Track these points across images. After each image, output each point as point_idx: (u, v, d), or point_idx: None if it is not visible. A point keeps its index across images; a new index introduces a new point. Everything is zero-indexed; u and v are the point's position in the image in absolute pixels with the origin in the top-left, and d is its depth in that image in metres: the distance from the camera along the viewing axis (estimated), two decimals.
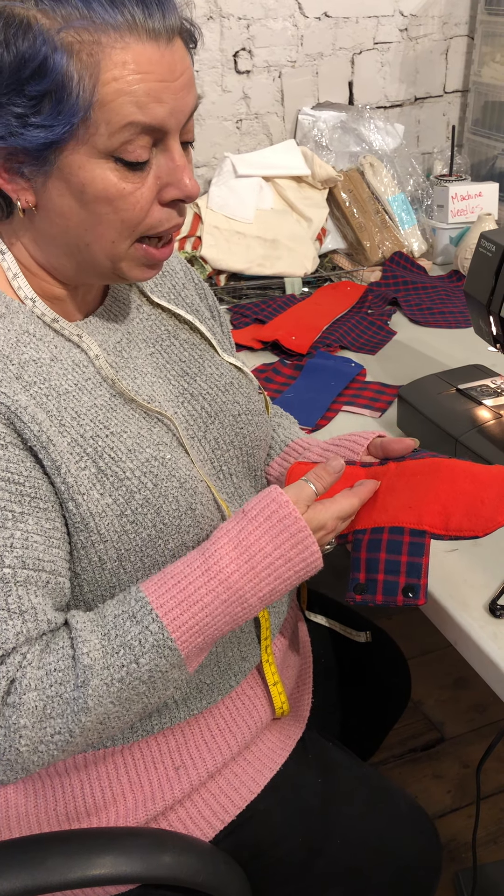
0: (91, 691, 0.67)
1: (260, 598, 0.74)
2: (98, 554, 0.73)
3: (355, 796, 0.95)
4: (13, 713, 0.66)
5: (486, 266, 1.09)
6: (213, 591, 0.72)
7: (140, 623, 0.70)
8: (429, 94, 2.20)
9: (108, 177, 0.70)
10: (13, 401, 0.69)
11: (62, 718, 0.67)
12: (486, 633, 0.85)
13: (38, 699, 0.66)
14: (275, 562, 0.74)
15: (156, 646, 0.70)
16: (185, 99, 0.71)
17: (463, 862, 1.52)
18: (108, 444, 0.74)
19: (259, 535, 0.74)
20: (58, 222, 0.73)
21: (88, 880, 0.72)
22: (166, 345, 0.89)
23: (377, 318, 1.62)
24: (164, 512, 0.76)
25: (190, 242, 1.71)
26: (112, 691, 0.68)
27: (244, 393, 0.92)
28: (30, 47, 0.65)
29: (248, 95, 1.97)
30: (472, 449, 1.05)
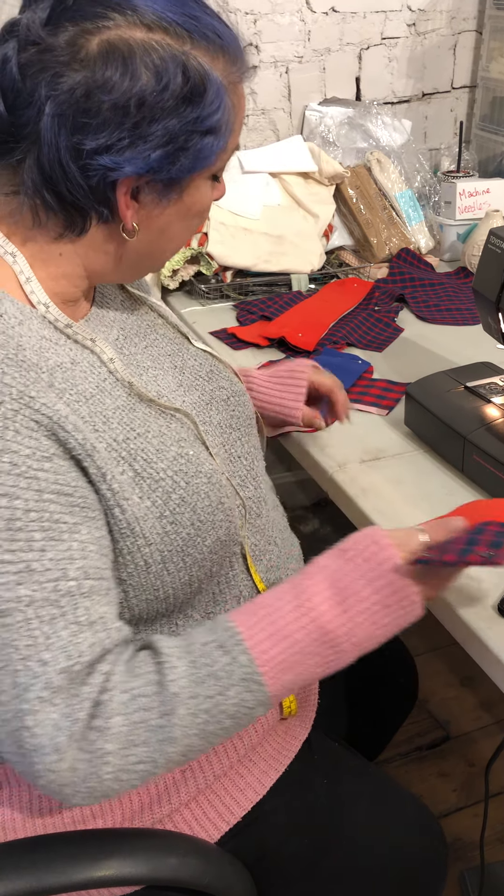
0: (177, 720, 0.65)
1: (354, 645, 0.71)
2: (143, 558, 0.72)
3: (361, 797, 0.95)
4: (98, 737, 0.63)
5: (495, 263, 1.08)
6: (305, 629, 0.70)
7: (230, 653, 0.68)
8: (436, 89, 2.18)
9: (208, 194, 0.78)
10: (54, 411, 0.67)
11: (146, 747, 0.65)
12: (495, 632, 0.84)
13: (123, 724, 0.64)
14: (371, 606, 0.71)
15: (244, 679, 0.68)
16: None
17: (468, 861, 1.51)
18: (138, 445, 0.74)
19: (355, 577, 0.71)
20: (155, 238, 0.78)
21: (94, 881, 0.72)
22: (153, 338, 0.89)
23: (384, 314, 1.61)
24: (199, 509, 0.76)
25: (196, 238, 1.70)
26: (197, 723, 0.66)
27: (225, 377, 0.93)
28: (213, 93, 0.71)
29: (254, 91, 1.96)
30: (480, 447, 1.04)
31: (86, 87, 0.66)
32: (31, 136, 0.68)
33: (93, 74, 0.66)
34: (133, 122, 0.68)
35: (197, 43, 0.70)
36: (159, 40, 0.68)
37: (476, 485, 1.07)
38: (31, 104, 0.67)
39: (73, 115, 0.67)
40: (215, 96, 0.71)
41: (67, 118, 0.67)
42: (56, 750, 0.62)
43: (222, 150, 0.75)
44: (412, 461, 1.14)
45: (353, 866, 0.92)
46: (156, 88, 0.68)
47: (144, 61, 0.67)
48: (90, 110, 0.67)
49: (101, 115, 0.67)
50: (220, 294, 1.71)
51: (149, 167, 0.70)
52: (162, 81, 0.68)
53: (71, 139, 0.68)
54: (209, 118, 0.71)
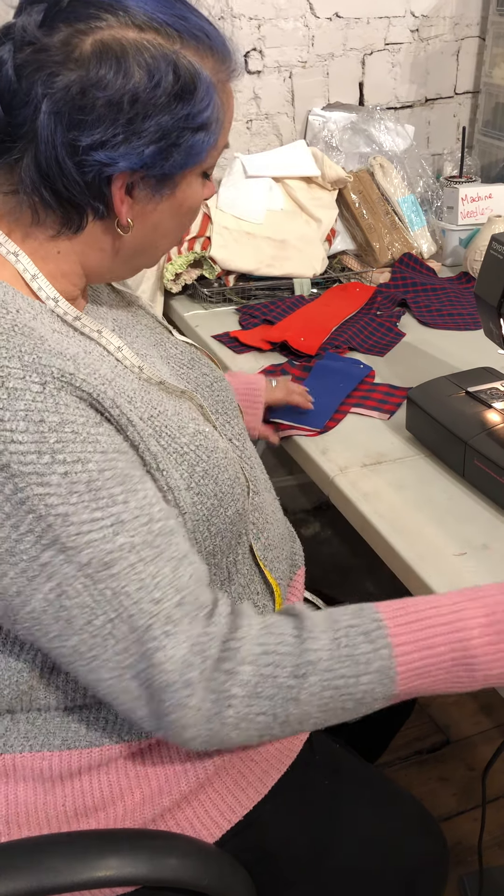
0: (307, 685, 0.69)
1: (486, 676, 0.73)
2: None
3: (362, 799, 0.95)
4: (227, 679, 0.67)
5: (497, 268, 1.09)
6: (451, 646, 0.71)
7: (373, 643, 0.71)
8: (439, 95, 2.19)
9: (199, 190, 0.80)
10: (93, 386, 0.70)
11: (271, 701, 0.68)
12: None
13: (252, 674, 0.68)
14: None
15: (380, 671, 0.70)
16: None
17: (468, 865, 1.51)
18: (161, 422, 0.76)
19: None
20: (149, 234, 0.80)
21: (94, 882, 0.72)
22: (140, 328, 0.92)
23: (386, 319, 1.61)
24: (221, 481, 0.79)
25: (199, 243, 1.71)
26: (325, 696, 0.69)
27: (205, 363, 0.97)
28: (203, 91, 0.73)
29: (258, 96, 1.97)
30: (481, 452, 1.05)
31: (81, 85, 0.69)
32: (28, 134, 0.70)
33: (87, 73, 0.69)
34: (127, 119, 0.70)
35: (186, 42, 0.73)
36: (150, 40, 0.71)
37: (477, 490, 1.08)
38: (27, 103, 0.69)
39: (68, 112, 0.69)
40: (205, 94, 0.73)
41: (63, 115, 0.69)
42: (187, 684, 0.66)
43: (213, 146, 0.77)
44: (413, 466, 1.15)
45: (354, 868, 0.92)
46: (148, 86, 0.70)
47: (137, 60, 0.70)
48: (85, 107, 0.69)
49: (96, 112, 0.69)
50: (222, 298, 1.72)
51: (142, 162, 0.72)
52: (154, 79, 0.70)
53: (67, 136, 0.70)
54: (200, 115, 0.74)
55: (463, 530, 1.01)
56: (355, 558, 2.21)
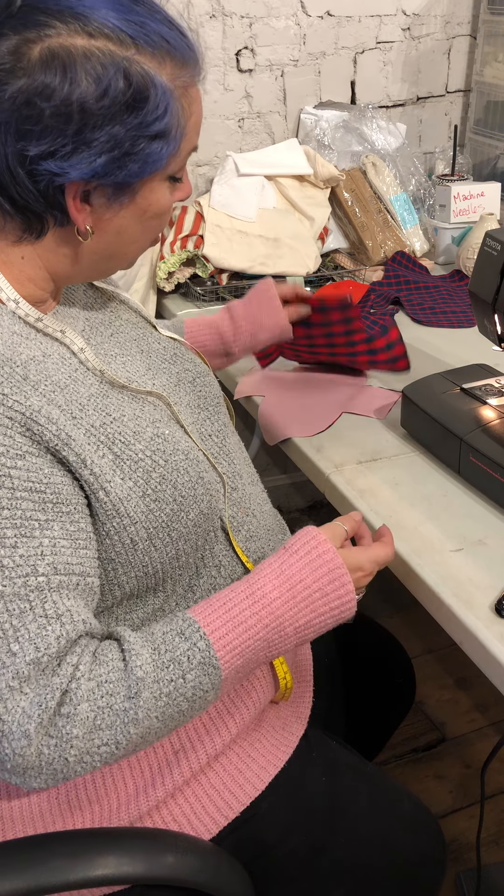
0: (142, 703, 0.69)
1: (296, 630, 0.78)
2: (130, 536, 0.75)
3: (360, 796, 0.95)
4: (66, 723, 0.67)
5: (491, 265, 1.09)
6: (257, 615, 0.76)
7: (189, 640, 0.73)
8: (431, 93, 2.19)
9: (165, 196, 0.79)
10: (26, 406, 0.69)
11: (111, 730, 0.68)
12: (493, 633, 0.84)
13: (90, 710, 0.67)
14: (313, 594, 0.78)
15: (202, 663, 0.72)
16: None
17: (465, 863, 1.51)
18: (115, 429, 0.76)
19: (300, 567, 0.79)
20: (112, 240, 0.78)
21: (91, 881, 0.72)
22: (118, 325, 0.92)
23: (379, 317, 1.61)
24: (180, 485, 0.79)
25: (192, 241, 1.71)
26: (159, 706, 0.70)
27: (189, 359, 0.97)
28: (158, 98, 0.71)
29: (250, 94, 1.97)
30: (476, 448, 1.05)
31: (26, 95, 0.67)
32: None
33: (32, 81, 0.67)
34: (76, 129, 0.69)
35: (142, 48, 0.71)
36: (101, 47, 0.69)
37: (472, 486, 1.08)
38: None
39: (15, 122, 0.68)
40: (161, 101, 0.72)
41: (11, 125, 0.68)
42: (25, 735, 0.65)
43: (174, 153, 0.75)
44: (409, 463, 1.15)
45: (351, 865, 0.92)
46: (96, 94, 0.68)
47: (85, 68, 0.68)
48: (31, 117, 0.68)
49: (43, 122, 0.68)
50: (215, 296, 1.71)
51: (94, 172, 0.71)
52: (102, 87, 0.68)
53: (16, 146, 0.69)
54: (155, 123, 0.72)
55: (459, 527, 1.01)
56: None
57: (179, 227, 1.74)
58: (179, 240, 1.71)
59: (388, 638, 1.24)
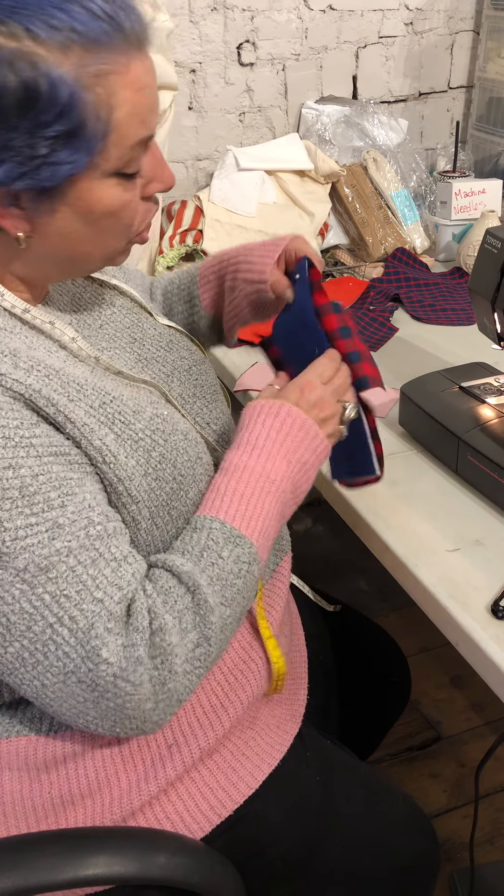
0: (204, 590, 0.72)
1: (280, 473, 0.80)
2: (131, 514, 0.75)
3: (354, 795, 0.94)
4: (164, 636, 0.69)
5: (491, 263, 1.08)
6: (237, 479, 0.78)
7: (204, 528, 0.76)
8: (433, 89, 2.18)
9: (113, 193, 0.72)
10: (26, 386, 0.69)
11: (196, 629, 0.72)
12: (489, 634, 0.84)
13: (173, 618, 0.71)
14: (275, 438, 0.80)
15: (227, 538, 0.75)
16: (159, 97, 0.73)
17: (458, 862, 1.51)
18: (115, 409, 0.76)
19: (250, 429, 0.81)
20: (59, 242, 0.73)
21: (81, 880, 0.71)
22: (109, 314, 0.90)
23: (379, 314, 1.61)
24: (180, 464, 0.79)
25: (191, 236, 1.70)
26: (217, 589, 0.73)
27: (185, 347, 0.95)
28: (58, 93, 0.63)
29: (251, 88, 1.95)
30: (474, 447, 1.04)
31: None
32: None
33: None
34: None
35: (38, 38, 0.62)
36: None
37: (470, 485, 1.07)
38: None
39: None
40: (58, 97, 0.63)
41: None
42: (138, 662, 0.68)
43: (100, 150, 0.67)
44: (406, 461, 1.14)
45: (344, 865, 0.91)
46: None
47: None
48: None
49: None
50: None
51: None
52: None
53: None
54: (57, 122, 0.64)
55: (456, 526, 1.00)
56: (347, 554, 2.21)
57: (179, 222, 1.73)
58: (178, 234, 1.70)
59: (383, 636, 1.24)
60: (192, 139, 1.96)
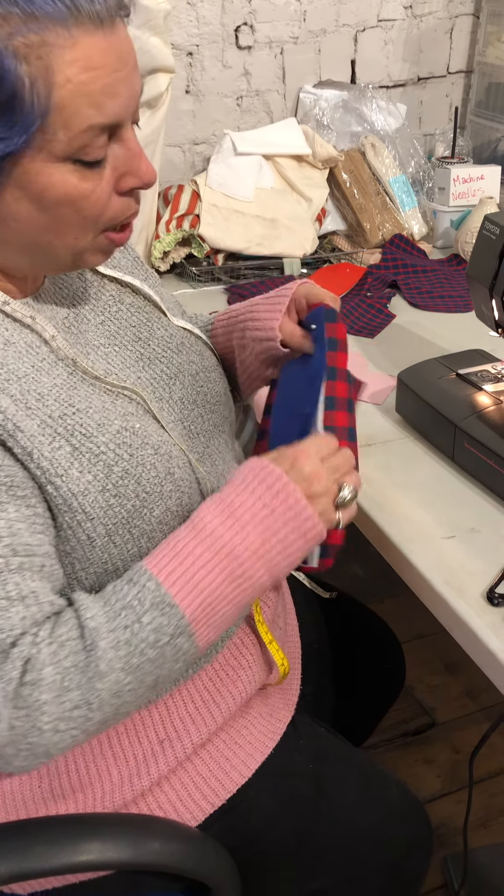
0: (101, 653, 0.66)
1: (254, 553, 0.72)
2: (86, 532, 0.72)
3: (347, 783, 0.95)
4: (32, 691, 0.64)
5: (489, 249, 1.07)
6: (203, 544, 0.71)
7: (137, 584, 0.70)
8: (432, 74, 2.16)
9: (68, 180, 0.68)
10: None
11: (79, 690, 0.66)
12: (484, 621, 0.84)
13: (54, 673, 0.65)
14: (258, 512, 0.73)
15: (155, 603, 0.69)
16: (135, 85, 0.68)
17: (451, 846, 1.52)
18: (76, 421, 0.73)
19: (238, 491, 0.74)
20: (14, 226, 0.70)
21: (76, 866, 0.71)
22: (114, 311, 0.88)
23: (376, 300, 1.60)
24: (145, 480, 0.75)
25: (188, 220, 1.69)
26: (121, 655, 0.67)
27: (197, 351, 0.92)
28: None
29: (248, 72, 1.94)
30: (471, 435, 1.04)
31: None
32: None
33: None
34: None
35: None
36: None
37: (466, 472, 1.07)
38: None
39: None
40: None
41: None
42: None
43: (40, 129, 0.64)
44: (403, 448, 1.14)
45: (338, 851, 0.92)
46: None
47: None
48: None
49: None
50: (211, 277, 1.70)
51: None
52: None
53: None
54: None
55: (452, 513, 1.00)
56: (342, 541, 2.21)
57: (175, 206, 1.72)
58: (175, 219, 1.69)
59: (377, 622, 1.24)
60: (189, 123, 1.94)
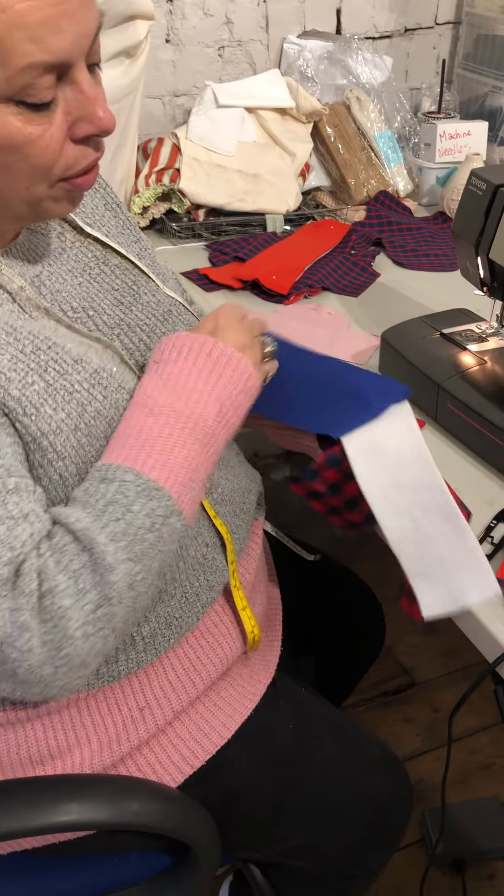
0: (101, 548, 0.66)
1: (215, 418, 0.73)
2: (58, 472, 0.71)
3: (327, 742, 0.95)
4: (53, 599, 0.64)
5: (475, 205, 1.05)
6: (168, 425, 0.71)
7: (115, 480, 0.69)
8: (419, 25, 2.11)
9: (10, 123, 0.63)
10: None
11: (95, 589, 0.65)
12: None
13: (66, 578, 0.65)
14: (207, 378, 0.73)
15: (140, 492, 0.68)
16: (86, 20, 0.63)
17: (430, 802, 1.55)
18: (51, 356, 0.71)
19: (180, 365, 0.74)
20: None
21: (54, 826, 0.71)
22: (95, 273, 0.84)
23: (360, 258, 1.57)
24: (116, 423, 0.73)
25: (168, 175, 1.64)
26: (122, 546, 0.67)
27: (184, 321, 0.89)
28: None
29: (231, 20, 1.88)
30: (454, 395, 1.03)
31: None
32: None
33: None
34: None
35: None
36: None
37: (449, 433, 1.06)
38: None
39: None
40: None
41: None
42: (23, 628, 0.63)
43: None
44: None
45: (317, 808, 0.92)
46: None
47: None
48: None
49: None
50: (192, 233, 1.66)
51: None
52: None
53: None
54: None
55: None
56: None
57: (155, 160, 1.67)
58: (155, 173, 1.64)
59: (357, 583, 1.24)
60: (170, 74, 1.88)
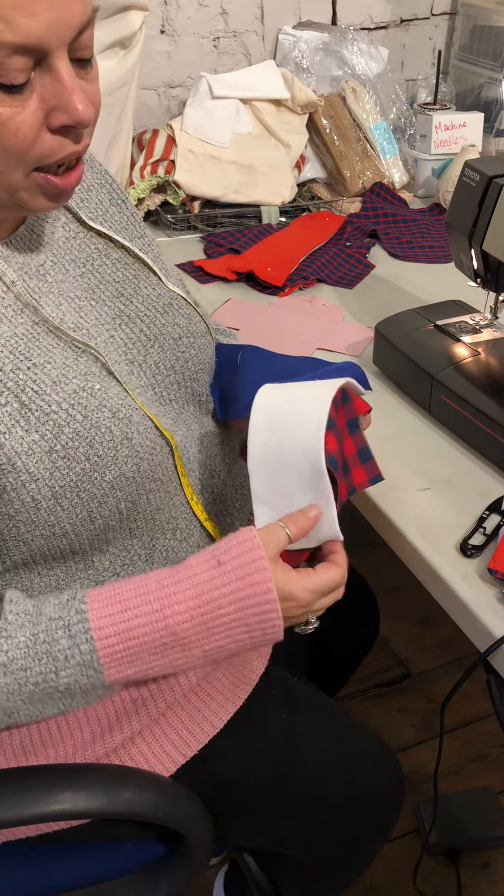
0: (2, 686, 0.67)
1: (205, 652, 0.72)
2: (30, 494, 0.69)
3: (320, 733, 0.95)
4: None
5: (469, 196, 1.05)
6: (157, 633, 0.70)
7: (73, 638, 0.68)
8: (415, 15, 2.10)
9: None
10: None
11: None
12: (457, 573, 0.84)
13: None
14: (231, 623, 0.71)
15: (80, 665, 0.68)
16: (66, 9, 0.61)
17: (424, 792, 1.55)
18: (29, 376, 0.70)
19: (224, 592, 0.71)
20: None
21: (48, 815, 0.72)
22: (97, 264, 0.83)
23: (355, 250, 1.57)
24: (98, 444, 0.72)
25: (163, 166, 1.64)
26: (24, 692, 0.68)
27: (184, 314, 0.87)
28: None
29: (226, 11, 1.87)
30: (448, 386, 1.03)
31: None
32: None
33: None
34: None
35: None
36: None
37: (443, 425, 1.06)
38: None
39: None
40: None
41: None
42: None
43: None
44: (379, 400, 1.12)
45: (310, 798, 0.93)
46: None
47: None
48: None
49: None
50: (187, 225, 1.66)
51: None
52: None
53: None
54: None
55: (427, 466, 0.99)
56: None
57: (150, 152, 1.67)
58: (150, 165, 1.64)
59: (353, 575, 1.24)
60: (165, 65, 1.88)
